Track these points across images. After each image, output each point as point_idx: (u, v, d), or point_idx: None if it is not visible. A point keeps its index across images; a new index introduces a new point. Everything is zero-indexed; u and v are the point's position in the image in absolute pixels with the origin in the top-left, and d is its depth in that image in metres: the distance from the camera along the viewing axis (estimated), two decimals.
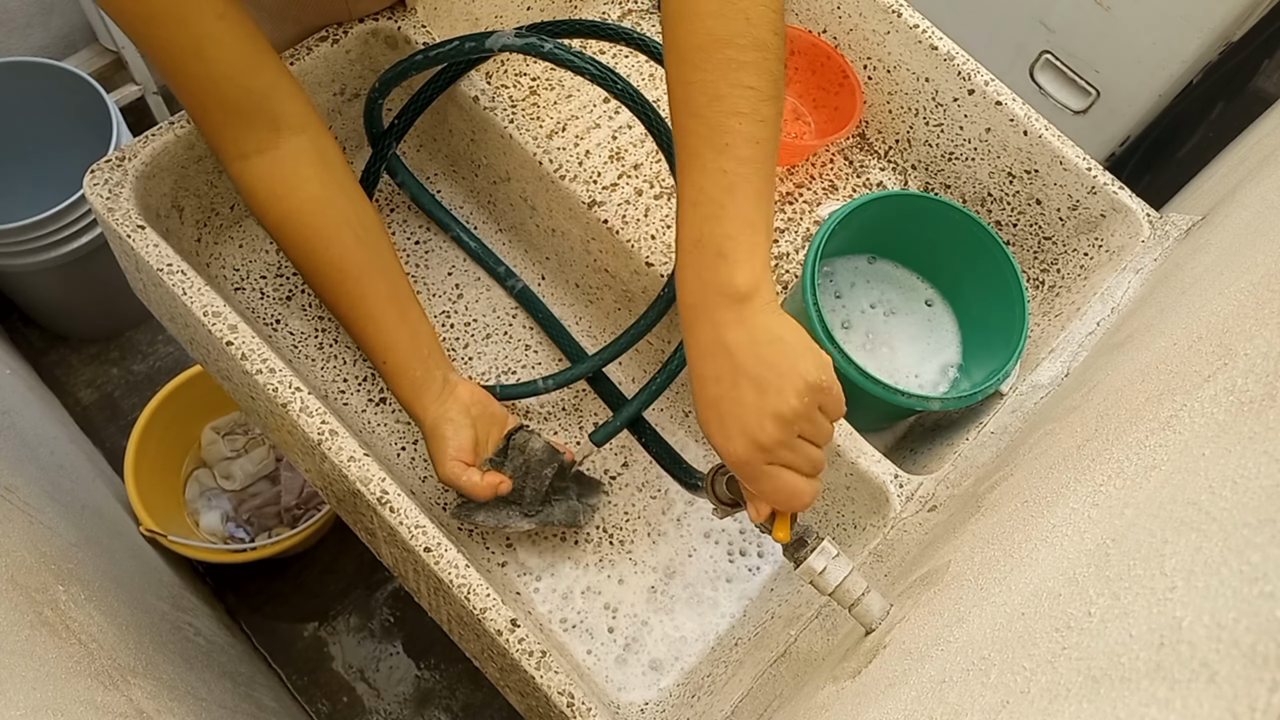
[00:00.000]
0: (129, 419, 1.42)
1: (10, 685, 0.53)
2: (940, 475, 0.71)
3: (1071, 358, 0.75)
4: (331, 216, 0.66)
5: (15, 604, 0.63)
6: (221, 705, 0.92)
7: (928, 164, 0.96)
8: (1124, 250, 0.82)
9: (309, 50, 0.76)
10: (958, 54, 0.89)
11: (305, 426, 0.63)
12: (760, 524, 0.57)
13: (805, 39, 0.97)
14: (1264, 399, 0.33)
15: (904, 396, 0.73)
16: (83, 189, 0.68)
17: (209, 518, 1.34)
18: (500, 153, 0.81)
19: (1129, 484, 0.38)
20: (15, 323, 1.53)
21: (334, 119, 0.82)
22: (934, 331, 0.86)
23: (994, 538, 0.49)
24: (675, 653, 0.75)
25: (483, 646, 0.64)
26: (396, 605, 1.42)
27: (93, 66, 1.54)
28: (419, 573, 0.64)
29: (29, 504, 0.85)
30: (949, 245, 0.82)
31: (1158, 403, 0.44)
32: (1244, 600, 0.23)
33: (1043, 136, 0.86)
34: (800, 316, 0.74)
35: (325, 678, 1.37)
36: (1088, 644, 0.29)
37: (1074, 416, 0.58)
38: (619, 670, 0.73)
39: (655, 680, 0.73)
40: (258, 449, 1.40)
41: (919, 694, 0.38)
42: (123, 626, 0.81)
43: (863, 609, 0.54)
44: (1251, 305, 0.43)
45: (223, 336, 0.64)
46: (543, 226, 0.83)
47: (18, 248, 1.24)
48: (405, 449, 0.78)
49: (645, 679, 0.73)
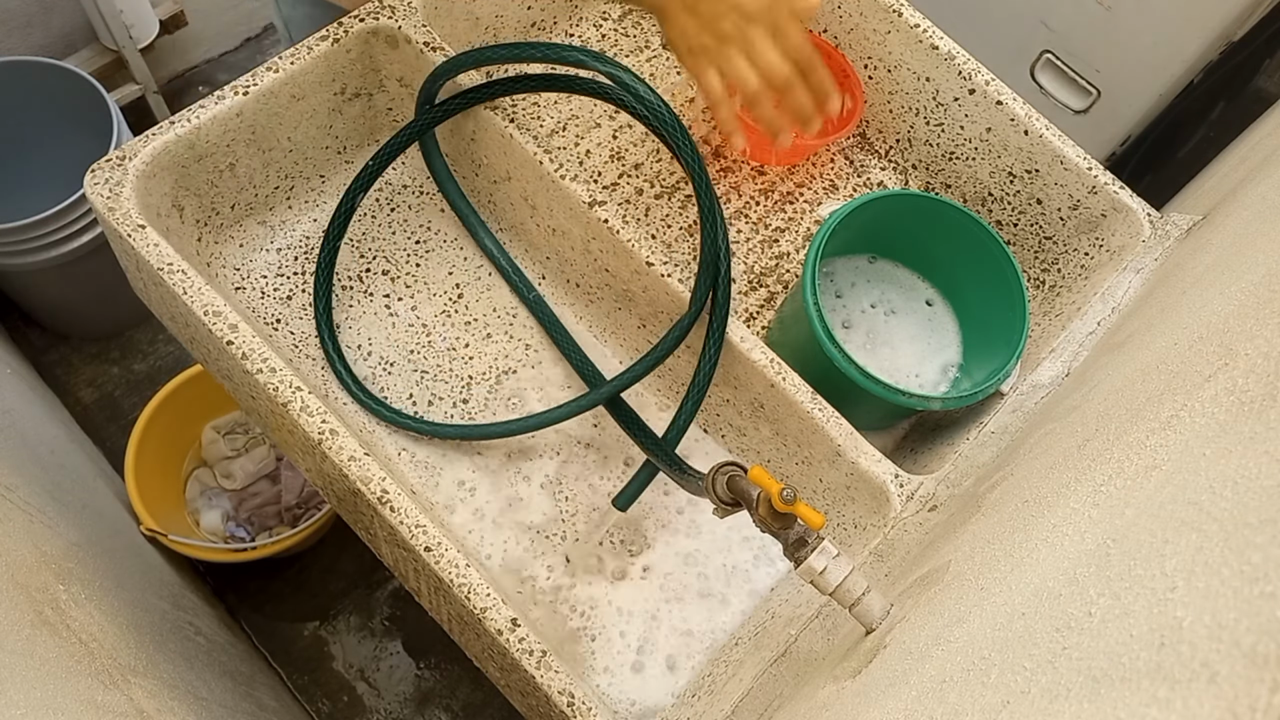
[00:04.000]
0: (129, 418, 1.42)
1: (10, 684, 0.53)
2: (941, 475, 0.71)
3: (1072, 357, 0.75)
4: None
5: (16, 603, 0.63)
6: (222, 704, 0.92)
7: (928, 163, 0.96)
8: (1125, 250, 0.82)
9: (309, 50, 0.76)
10: (958, 53, 0.89)
11: (305, 426, 0.63)
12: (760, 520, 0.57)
13: (815, 41, 0.97)
14: (1265, 399, 0.33)
15: (905, 396, 0.73)
16: (83, 188, 0.68)
17: (209, 517, 1.35)
18: (500, 152, 0.81)
19: (1129, 484, 0.38)
20: (16, 322, 1.53)
21: (334, 119, 0.82)
22: (935, 331, 0.86)
23: (994, 537, 0.49)
24: (687, 651, 0.75)
25: (483, 646, 0.64)
26: (397, 605, 1.42)
27: (93, 66, 1.54)
28: (419, 572, 0.64)
29: (29, 503, 0.85)
30: (950, 245, 0.82)
31: (1158, 402, 0.44)
32: (1245, 600, 0.23)
33: (1043, 136, 0.86)
34: (800, 316, 0.74)
35: (325, 677, 1.37)
36: (1088, 644, 0.29)
37: (1074, 416, 0.58)
38: (635, 676, 0.73)
39: (672, 683, 0.73)
40: (258, 448, 1.40)
41: (919, 694, 0.38)
42: (123, 626, 0.81)
43: (863, 609, 0.54)
44: (1252, 305, 0.43)
45: (223, 336, 0.64)
46: (543, 226, 0.83)
47: (18, 247, 1.24)
48: (405, 449, 0.78)
49: (662, 682, 0.73)
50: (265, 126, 0.77)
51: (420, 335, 0.82)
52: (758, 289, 0.89)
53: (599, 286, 0.83)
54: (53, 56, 1.40)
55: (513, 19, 0.93)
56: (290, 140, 0.80)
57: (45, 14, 1.48)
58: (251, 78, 0.74)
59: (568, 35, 0.99)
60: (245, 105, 0.74)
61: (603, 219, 0.76)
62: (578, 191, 0.77)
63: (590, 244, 0.79)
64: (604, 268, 0.80)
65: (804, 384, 0.73)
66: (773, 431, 0.78)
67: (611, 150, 0.93)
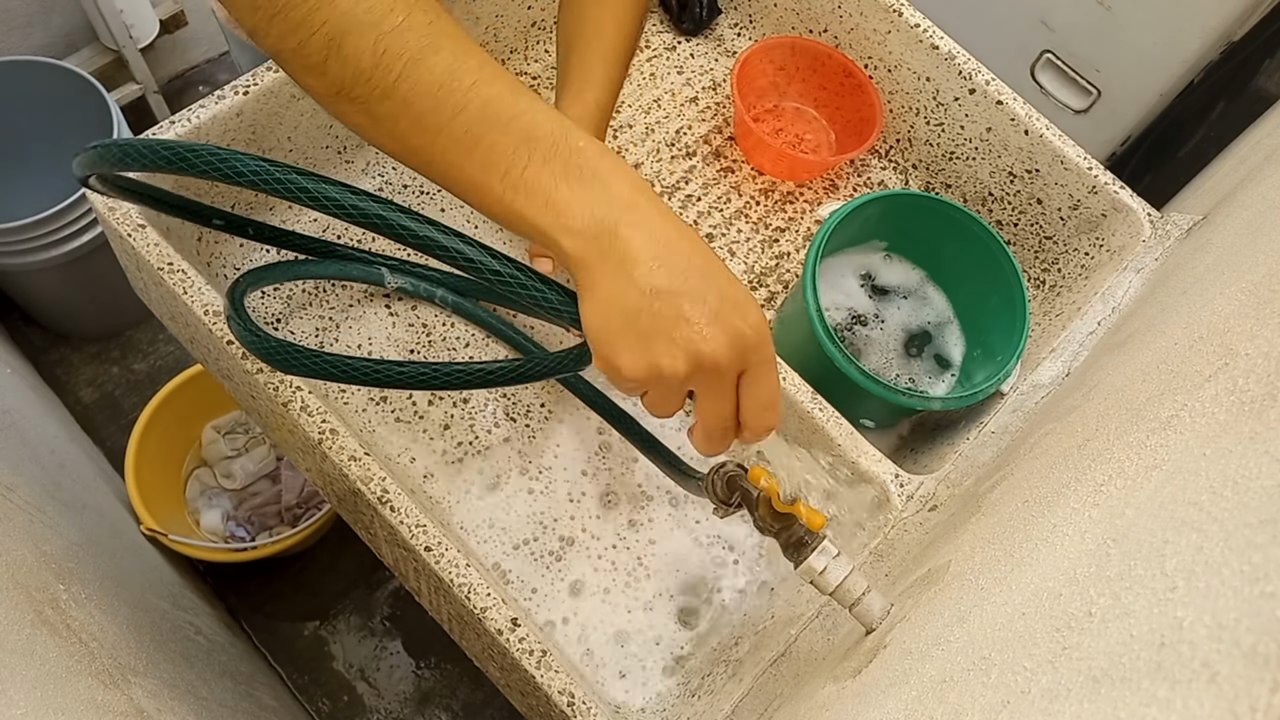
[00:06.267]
0: (130, 418, 1.42)
1: (11, 684, 0.53)
2: (941, 475, 0.71)
3: (1072, 357, 0.75)
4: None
5: (16, 603, 0.63)
6: (222, 704, 0.92)
7: (928, 163, 0.96)
8: (1125, 250, 0.82)
9: None
10: (959, 53, 0.88)
11: (305, 426, 0.63)
12: (760, 520, 0.57)
13: (826, 53, 0.96)
14: (1265, 399, 0.33)
15: (905, 396, 0.73)
16: (84, 188, 0.68)
17: (210, 517, 1.35)
18: None
19: (1130, 484, 0.38)
20: (16, 322, 1.53)
21: (335, 118, 0.82)
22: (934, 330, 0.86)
23: (995, 537, 0.49)
24: (685, 648, 0.75)
25: (483, 646, 0.64)
26: (397, 604, 1.42)
27: (94, 65, 1.54)
28: (420, 572, 0.64)
29: (29, 503, 0.85)
30: (950, 245, 0.82)
31: (1159, 402, 0.44)
32: (1245, 600, 0.23)
33: (1044, 136, 0.86)
34: (801, 316, 0.74)
35: (326, 677, 1.37)
36: (1088, 644, 0.29)
37: (1075, 416, 0.58)
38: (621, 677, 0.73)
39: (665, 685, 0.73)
40: (258, 448, 1.40)
41: (919, 694, 0.38)
42: (123, 625, 0.81)
43: (863, 609, 0.54)
44: (1253, 305, 0.43)
45: (223, 335, 0.64)
46: None
47: (18, 247, 1.24)
48: (405, 449, 0.78)
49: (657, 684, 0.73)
50: (265, 126, 0.77)
51: (421, 335, 0.82)
52: (758, 289, 0.89)
53: None
54: (53, 56, 1.40)
55: (513, 18, 0.93)
56: (290, 140, 0.80)
57: (45, 14, 1.48)
58: (251, 77, 0.74)
59: None
60: (245, 105, 0.74)
61: None
62: None
63: None
64: None
65: (804, 384, 0.73)
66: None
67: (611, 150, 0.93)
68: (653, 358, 0.41)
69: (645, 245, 0.40)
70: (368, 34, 0.40)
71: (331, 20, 0.40)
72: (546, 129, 0.41)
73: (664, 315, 0.40)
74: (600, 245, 0.40)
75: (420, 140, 0.41)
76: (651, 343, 0.41)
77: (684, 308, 0.40)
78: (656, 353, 0.41)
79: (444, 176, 0.42)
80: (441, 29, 0.42)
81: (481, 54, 0.43)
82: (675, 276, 0.40)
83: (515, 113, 0.41)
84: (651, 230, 0.41)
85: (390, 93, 0.41)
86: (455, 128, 0.41)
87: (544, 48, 0.97)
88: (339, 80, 0.42)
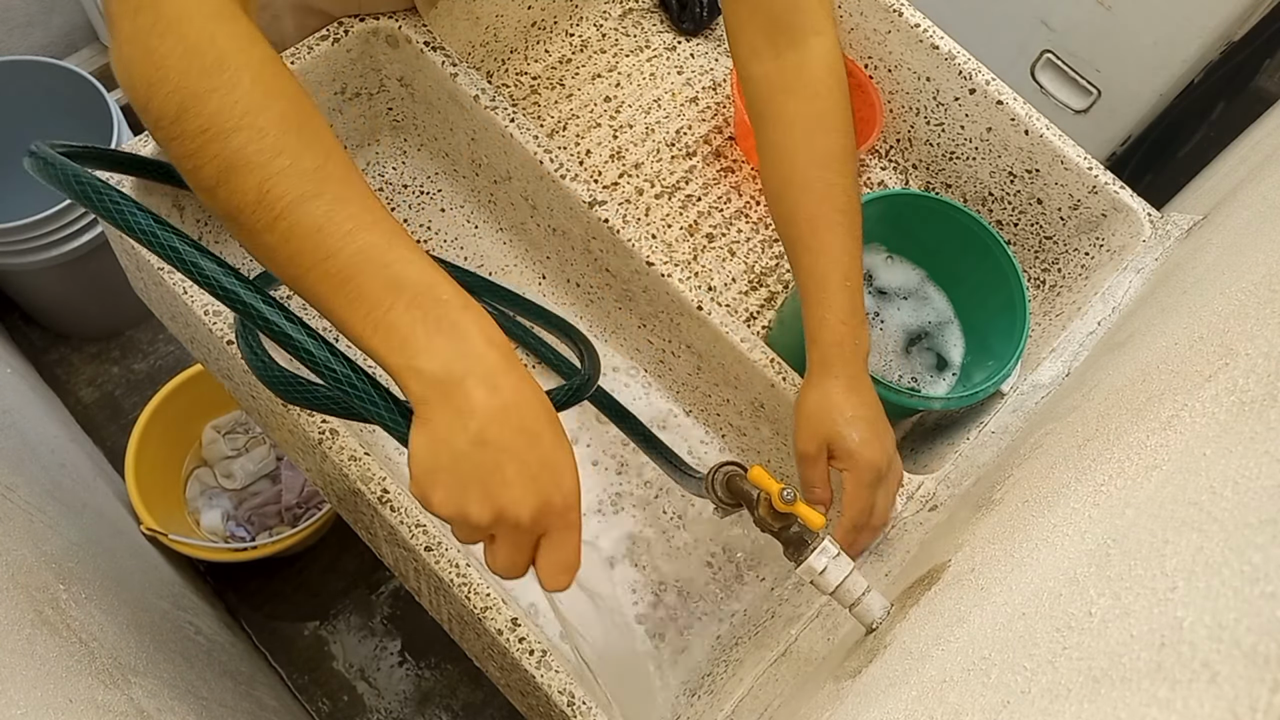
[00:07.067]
0: (130, 418, 1.42)
1: (11, 684, 0.53)
2: (941, 475, 0.71)
3: (1072, 357, 0.75)
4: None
5: (16, 603, 0.63)
6: (222, 704, 0.92)
7: (929, 163, 0.96)
8: (1125, 250, 0.82)
9: (309, 49, 0.76)
10: (959, 53, 0.88)
11: (305, 426, 0.63)
12: (760, 520, 0.57)
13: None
14: (1265, 399, 0.33)
15: (905, 396, 0.73)
16: None
17: (210, 516, 1.35)
18: (501, 152, 0.81)
19: (1130, 484, 0.38)
20: (16, 322, 1.53)
21: (334, 118, 0.82)
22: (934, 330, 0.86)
23: (995, 537, 0.49)
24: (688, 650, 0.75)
25: (483, 646, 0.64)
26: (397, 604, 1.42)
27: (93, 65, 1.54)
28: (420, 572, 0.64)
29: (30, 503, 0.85)
30: (950, 245, 0.82)
31: (1159, 402, 0.44)
32: (1245, 600, 0.23)
33: (1044, 136, 0.86)
34: (800, 316, 0.73)
35: (326, 677, 1.37)
36: (1088, 644, 0.29)
37: (1075, 416, 0.58)
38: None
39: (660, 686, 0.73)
40: (258, 448, 1.40)
41: (919, 694, 0.38)
42: (123, 625, 0.81)
43: (863, 609, 0.54)
44: (1253, 305, 0.43)
45: (223, 335, 0.64)
46: (543, 226, 0.83)
47: (18, 246, 1.24)
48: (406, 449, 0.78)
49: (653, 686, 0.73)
50: None
51: None
52: (758, 289, 0.89)
53: (599, 286, 0.83)
54: (53, 56, 1.40)
55: (513, 18, 0.93)
56: None
57: (45, 13, 1.48)
58: None
59: (568, 34, 0.99)
60: None
61: (603, 219, 0.76)
62: (578, 191, 0.77)
63: (591, 244, 0.79)
64: (604, 268, 0.80)
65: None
66: (773, 431, 0.78)
67: (611, 150, 0.93)
68: (463, 502, 0.44)
69: (485, 401, 0.43)
70: (255, 173, 0.43)
71: (222, 155, 0.43)
72: (414, 279, 0.44)
73: (484, 467, 0.43)
74: (444, 390, 0.43)
75: (296, 271, 0.44)
76: (467, 488, 0.44)
77: (504, 465, 0.43)
78: (468, 498, 0.44)
79: (316, 305, 0.45)
80: (327, 174, 0.44)
81: (365, 200, 0.45)
82: (505, 434, 0.43)
83: (386, 261, 0.44)
84: (496, 388, 0.44)
85: (271, 227, 0.44)
86: (329, 267, 0.43)
87: (544, 48, 0.97)
88: (228, 206, 0.44)
